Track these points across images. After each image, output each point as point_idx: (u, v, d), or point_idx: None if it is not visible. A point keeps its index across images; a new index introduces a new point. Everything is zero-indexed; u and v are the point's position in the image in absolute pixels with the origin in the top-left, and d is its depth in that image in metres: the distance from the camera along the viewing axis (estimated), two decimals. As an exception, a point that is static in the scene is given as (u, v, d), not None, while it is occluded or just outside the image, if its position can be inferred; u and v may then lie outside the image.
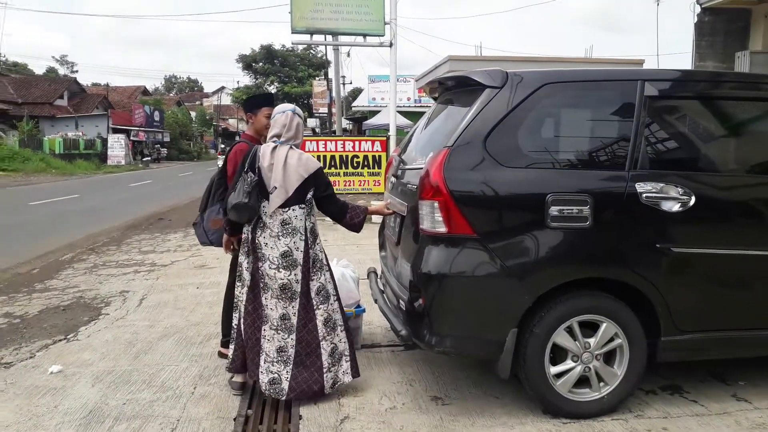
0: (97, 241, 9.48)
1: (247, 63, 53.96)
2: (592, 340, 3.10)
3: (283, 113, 3.42)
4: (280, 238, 3.30)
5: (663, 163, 3.21)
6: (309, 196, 3.36)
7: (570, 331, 3.08)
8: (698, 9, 10.41)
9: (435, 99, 4.19)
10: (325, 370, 3.37)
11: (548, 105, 3.23)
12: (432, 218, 3.04)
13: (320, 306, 3.39)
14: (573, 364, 3.11)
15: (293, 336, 3.34)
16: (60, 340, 4.57)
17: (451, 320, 3.05)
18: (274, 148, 3.34)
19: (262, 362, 3.36)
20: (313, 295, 3.38)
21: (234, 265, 3.74)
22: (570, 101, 3.30)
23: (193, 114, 57.77)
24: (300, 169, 3.31)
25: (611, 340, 3.11)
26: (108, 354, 4.23)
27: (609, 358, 3.17)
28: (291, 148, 3.36)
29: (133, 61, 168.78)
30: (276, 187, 3.28)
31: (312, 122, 42.35)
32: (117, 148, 37.29)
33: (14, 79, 42.78)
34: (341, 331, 3.46)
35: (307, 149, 10.84)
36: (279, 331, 3.34)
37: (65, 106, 40.35)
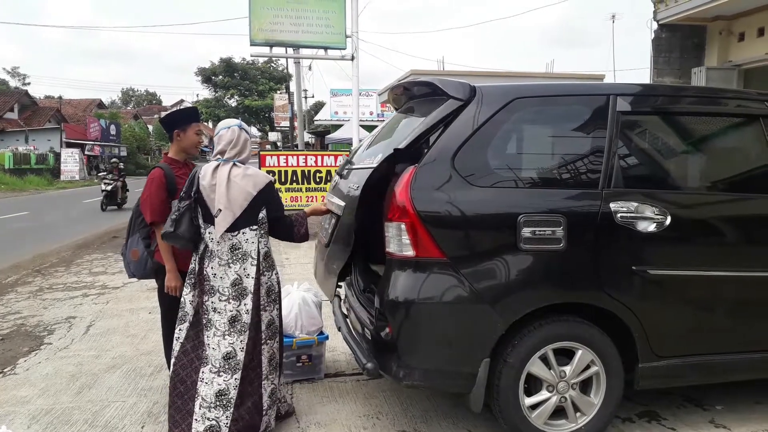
0: (44, 262, 8.98)
1: (207, 76, 53.26)
2: (567, 369, 2.94)
3: (229, 129, 3.10)
4: (230, 265, 2.99)
5: (637, 181, 3.10)
6: (261, 215, 3.07)
7: (544, 359, 2.92)
8: (655, 25, 10.58)
9: (397, 110, 4.03)
10: (264, 413, 3.07)
11: (518, 121, 3.09)
12: (399, 241, 2.85)
13: (268, 341, 3.11)
14: (548, 395, 2.94)
15: (237, 375, 2.99)
16: (-5, 375, 4.20)
17: (421, 351, 2.85)
18: (217, 167, 3.03)
19: (197, 408, 2.98)
20: (263, 328, 3.09)
21: (162, 293, 3.45)
22: (540, 117, 3.17)
23: (150, 128, 56.55)
24: (247, 186, 2.99)
25: (587, 367, 2.97)
26: (48, 390, 3.89)
27: (585, 386, 3.02)
28: (234, 165, 3.03)
29: (89, 74, 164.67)
30: (221, 210, 2.95)
31: (273, 136, 41.96)
32: (71, 162, 36.06)
33: (-39, 91, 41.15)
34: (279, 372, 3.23)
35: (268, 164, 10.56)
36: (221, 373, 2.98)
37: (15, 120, 38.94)
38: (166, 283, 3.31)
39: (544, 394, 2.94)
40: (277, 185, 10.57)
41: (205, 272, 3.03)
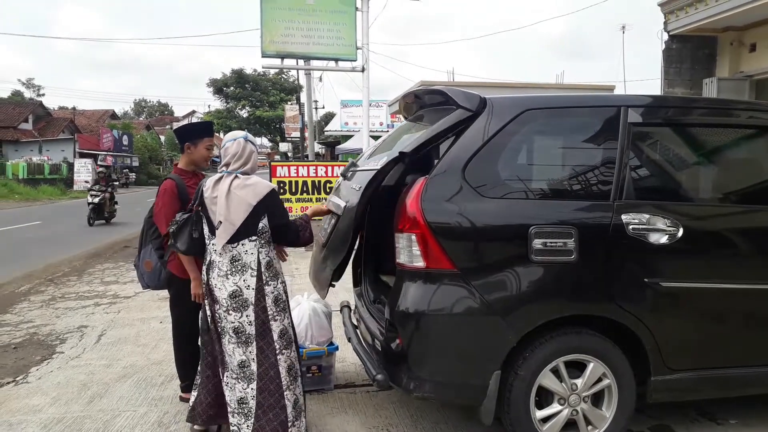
0: (57, 271, 9.05)
1: (218, 87, 53.70)
2: (579, 381, 2.92)
3: (234, 141, 3.10)
4: (229, 277, 2.98)
5: (649, 192, 3.08)
6: (261, 225, 3.02)
7: (556, 372, 2.90)
8: (666, 36, 10.56)
9: (407, 119, 4.05)
10: (289, 425, 3.03)
11: (529, 132, 3.09)
12: (409, 252, 2.86)
13: (283, 351, 3.06)
14: (560, 408, 2.92)
15: (254, 386, 3.01)
16: (8, 383, 4.22)
17: (431, 362, 2.84)
18: (219, 179, 3.05)
19: (229, 410, 3.08)
20: (276, 337, 3.05)
21: (174, 301, 3.51)
22: (552, 128, 3.16)
23: (162, 138, 57.01)
24: (248, 197, 2.96)
25: (599, 380, 2.94)
26: (59, 398, 3.91)
27: (597, 399, 2.99)
28: (236, 176, 3.02)
29: (103, 85, 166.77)
30: (221, 222, 2.95)
31: (284, 147, 42.16)
32: (84, 172, 36.34)
33: (-23, 102, 41.71)
34: (301, 382, 3.16)
35: (278, 174, 10.60)
36: (239, 380, 3.02)
37: (30, 130, 39.41)
38: (192, 291, 3.35)
39: (555, 407, 2.92)
40: (287, 195, 10.62)
41: (210, 282, 3.05)
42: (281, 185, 10.57)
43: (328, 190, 11.00)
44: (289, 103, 43.13)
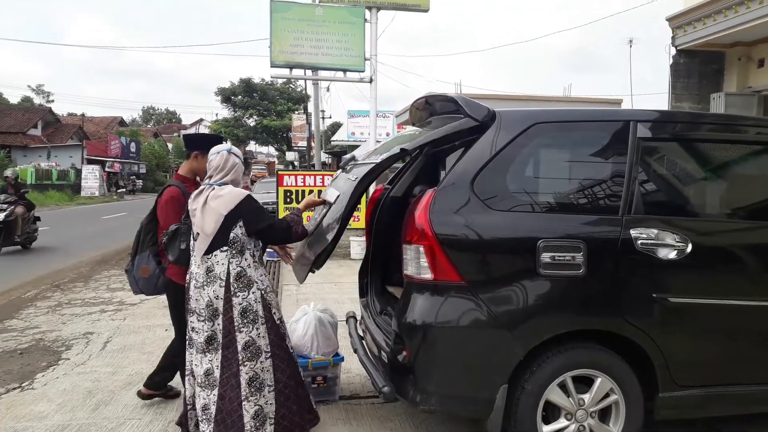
0: (63, 277, 9.09)
1: (226, 96, 53.91)
2: (586, 396, 2.90)
3: (218, 154, 3.16)
4: (205, 287, 3.03)
5: (658, 207, 3.08)
6: (233, 235, 3.03)
7: (563, 386, 2.88)
8: (674, 51, 10.57)
9: (414, 125, 4.07)
10: None
11: (538, 146, 3.09)
12: (417, 263, 2.86)
13: (246, 362, 3.01)
14: (567, 423, 2.90)
15: (215, 392, 3.03)
16: (14, 389, 4.23)
17: (438, 375, 2.83)
18: (201, 191, 3.11)
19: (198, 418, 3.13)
20: (239, 349, 3.02)
21: (176, 307, 3.53)
22: (561, 142, 3.17)
23: (170, 146, 57.29)
24: (219, 207, 3.00)
25: (606, 396, 2.92)
26: (65, 405, 3.91)
27: (604, 415, 2.97)
28: (213, 188, 3.08)
29: (111, 92, 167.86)
30: (198, 233, 3.05)
31: (291, 156, 42.27)
32: (91, 179, 36.64)
33: (-13, 107, 42.06)
34: (270, 392, 3.07)
35: (285, 183, 10.64)
36: (204, 388, 3.05)
37: (39, 136, 39.70)
38: None
39: (562, 422, 2.90)
40: (294, 204, 10.64)
41: (189, 293, 3.10)
42: (288, 194, 10.61)
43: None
44: (296, 112, 43.26)
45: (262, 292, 3.11)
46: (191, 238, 3.15)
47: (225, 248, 3.02)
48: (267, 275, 3.25)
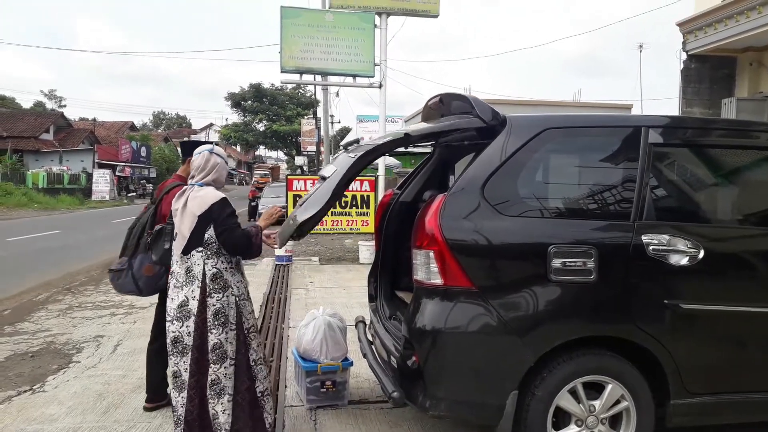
0: (74, 281, 9.15)
1: (236, 101, 54.20)
2: (597, 403, 2.88)
3: (199, 154, 3.18)
4: (183, 288, 3.05)
5: (670, 213, 3.06)
6: (207, 236, 3.03)
7: (573, 393, 2.87)
8: (684, 56, 10.53)
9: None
10: None
11: (549, 151, 3.09)
12: (427, 269, 2.86)
13: (212, 365, 3.00)
14: (577, 429, 2.88)
15: (184, 395, 3.03)
16: (25, 391, 4.26)
17: (448, 381, 2.82)
18: (183, 191, 3.14)
19: None
20: (208, 349, 3.00)
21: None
22: (572, 147, 3.16)
23: (180, 150, 57.60)
24: (193, 208, 3.02)
25: (617, 402, 2.90)
26: (75, 408, 3.93)
27: (615, 422, 2.95)
28: (193, 188, 3.10)
29: (122, 97, 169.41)
30: (177, 233, 3.09)
31: (300, 160, 42.36)
32: (102, 183, 36.88)
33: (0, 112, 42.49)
34: (228, 401, 3.02)
35: (295, 188, 10.67)
36: (174, 389, 3.08)
37: (51, 141, 40.03)
38: None
39: (572, 429, 2.88)
40: (303, 209, 10.67)
41: (168, 293, 3.13)
42: (297, 199, 10.63)
43: (343, 204, 11.04)
44: (305, 117, 43.41)
45: (237, 298, 3.09)
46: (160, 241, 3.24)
47: (201, 249, 3.04)
48: (244, 283, 3.22)
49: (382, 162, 12.23)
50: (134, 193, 41.96)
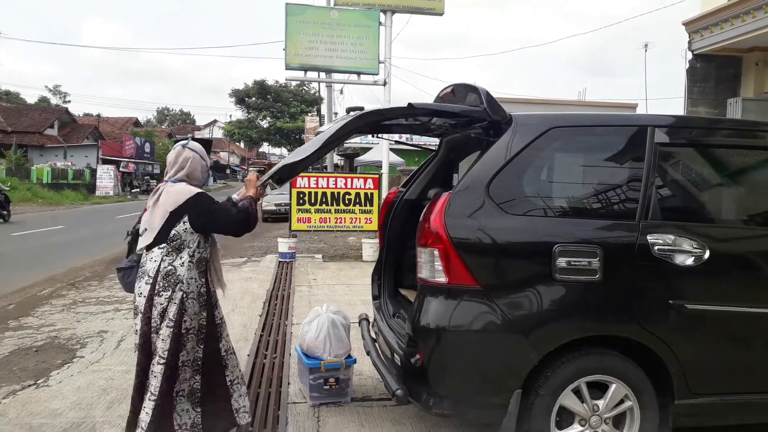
0: (78, 276, 9.18)
1: (240, 98, 54.29)
2: (600, 402, 2.88)
3: (174, 150, 3.12)
4: (138, 282, 2.99)
5: (675, 213, 3.06)
6: (174, 233, 2.93)
7: (577, 392, 2.86)
8: (690, 55, 10.49)
9: None
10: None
11: (554, 150, 3.08)
12: (431, 267, 2.85)
13: (155, 365, 2.90)
14: (581, 429, 2.88)
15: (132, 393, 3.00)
16: (29, 386, 4.27)
17: (451, 379, 2.83)
18: (158, 188, 3.09)
19: None
20: (158, 350, 2.90)
21: None
22: (577, 146, 3.16)
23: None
24: (166, 204, 2.95)
25: (621, 402, 2.90)
26: (80, 403, 3.94)
27: (618, 422, 2.95)
28: (167, 184, 3.04)
29: (127, 93, 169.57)
30: (146, 229, 3.02)
31: (303, 157, 42.35)
32: (106, 178, 36.94)
33: (5, 107, 42.60)
34: (150, 400, 2.87)
35: (298, 185, 10.67)
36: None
37: (55, 136, 40.14)
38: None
39: (576, 428, 2.88)
40: (306, 206, 10.67)
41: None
42: (301, 196, 10.63)
43: (346, 202, 11.04)
44: (309, 114, 43.42)
45: (184, 294, 2.93)
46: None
47: (163, 245, 2.95)
48: (200, 281, 3.03)
49: (386, 159, 12.23)
50: (138, 189, 42.03)
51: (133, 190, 41.14)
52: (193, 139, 3.43)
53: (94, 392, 4.14)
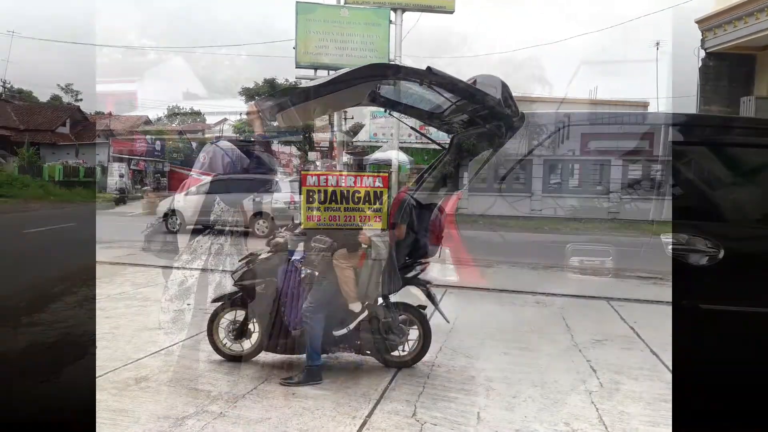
0: (90, 273, 9.21)
1: (250, 96, 54.35)
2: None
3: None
4: None
5: (689, 212, 3.03)
6: None
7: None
8: (703, 54, 10.41)
9: None
10: None
11: (568, 148, 3.06)
12: (443, 265, 2.85)
13: None
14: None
15: None
16: (41, 383, 4.30)
17: None
18: None
19: None
20: None
21: None
22: (591, 145, 3.14)
23: (194, 144, 57.84)
24: None
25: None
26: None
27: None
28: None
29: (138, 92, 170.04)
30: None
31: (312, 156, 42.43)
32: (117, 176, 37.15)
33: (17, 105, 42.89)
34: None
35: (308, 183, 10.63)
36: None
37: (67, 134, 40.38)
38: None
39: None
40: (315, 204, 10.64)
41: None
42: (310, 194, 10.60)
43: (356, 200, 10.98)
44: (319, 113, 43.40)
45: None
46: None
47: None
48: None
49: (396, 157, 12.23)
50: (148, 187, 42.24)
51: (144, 188, 41.33)
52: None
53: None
